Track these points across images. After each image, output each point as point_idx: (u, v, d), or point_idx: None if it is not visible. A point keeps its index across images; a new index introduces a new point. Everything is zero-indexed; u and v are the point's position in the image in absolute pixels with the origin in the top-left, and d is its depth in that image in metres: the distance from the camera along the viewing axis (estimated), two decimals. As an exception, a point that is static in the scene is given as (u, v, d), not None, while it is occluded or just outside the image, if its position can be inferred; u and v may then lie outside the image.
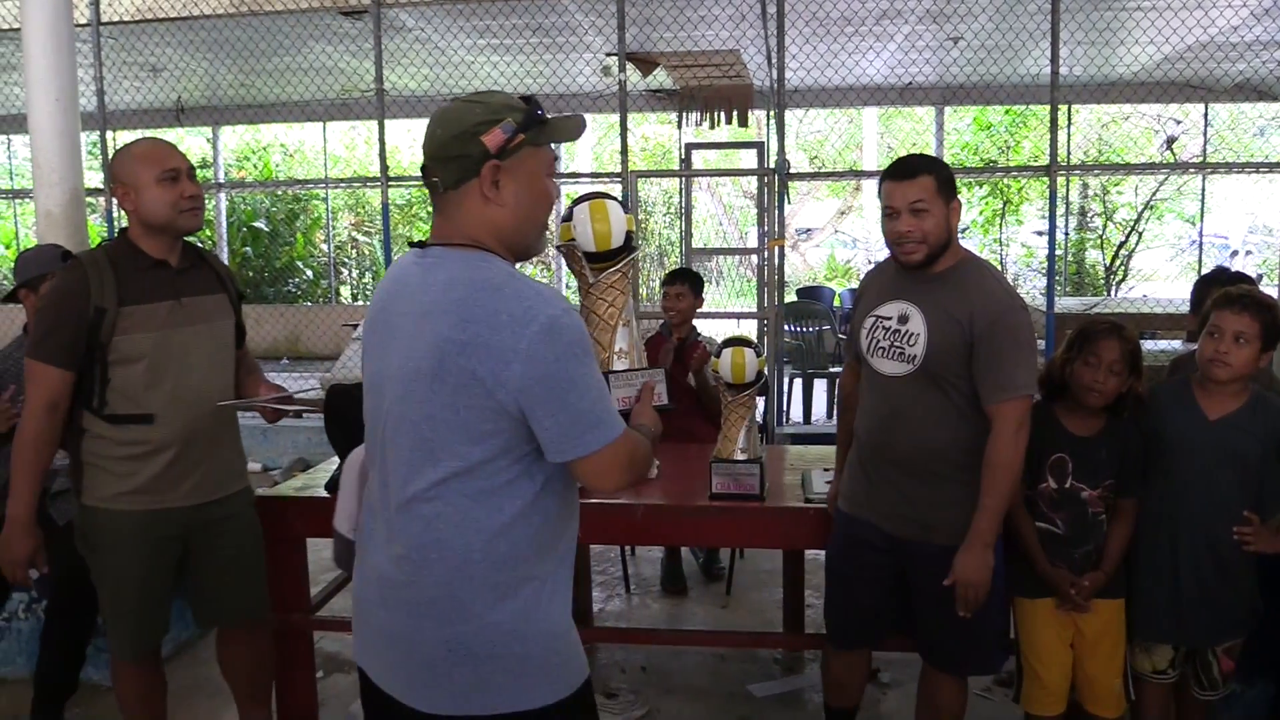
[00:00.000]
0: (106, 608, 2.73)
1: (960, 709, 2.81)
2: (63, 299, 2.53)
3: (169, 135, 16.93)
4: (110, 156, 2.74)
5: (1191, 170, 11.83)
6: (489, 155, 1.65)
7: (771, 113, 7.23)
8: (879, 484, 2.70)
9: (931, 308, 2.57)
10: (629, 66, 7.33)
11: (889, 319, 2.65)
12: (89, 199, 7.09)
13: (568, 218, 2.28)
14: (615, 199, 2.36)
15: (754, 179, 9.89)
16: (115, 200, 2.67)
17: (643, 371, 2.22)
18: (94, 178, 9.42)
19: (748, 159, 10.93)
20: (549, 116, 1.74)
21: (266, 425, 4.43)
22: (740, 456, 3.14)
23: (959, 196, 2.59)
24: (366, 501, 1.86)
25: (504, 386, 1.58)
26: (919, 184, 2.51)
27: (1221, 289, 2.72)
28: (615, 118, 7.06)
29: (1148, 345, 2.74)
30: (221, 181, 13.73)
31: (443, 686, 1.69)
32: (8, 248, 15.18)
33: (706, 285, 5.27)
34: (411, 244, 1.76)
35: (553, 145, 1.80)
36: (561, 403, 1.60)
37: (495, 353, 1.57)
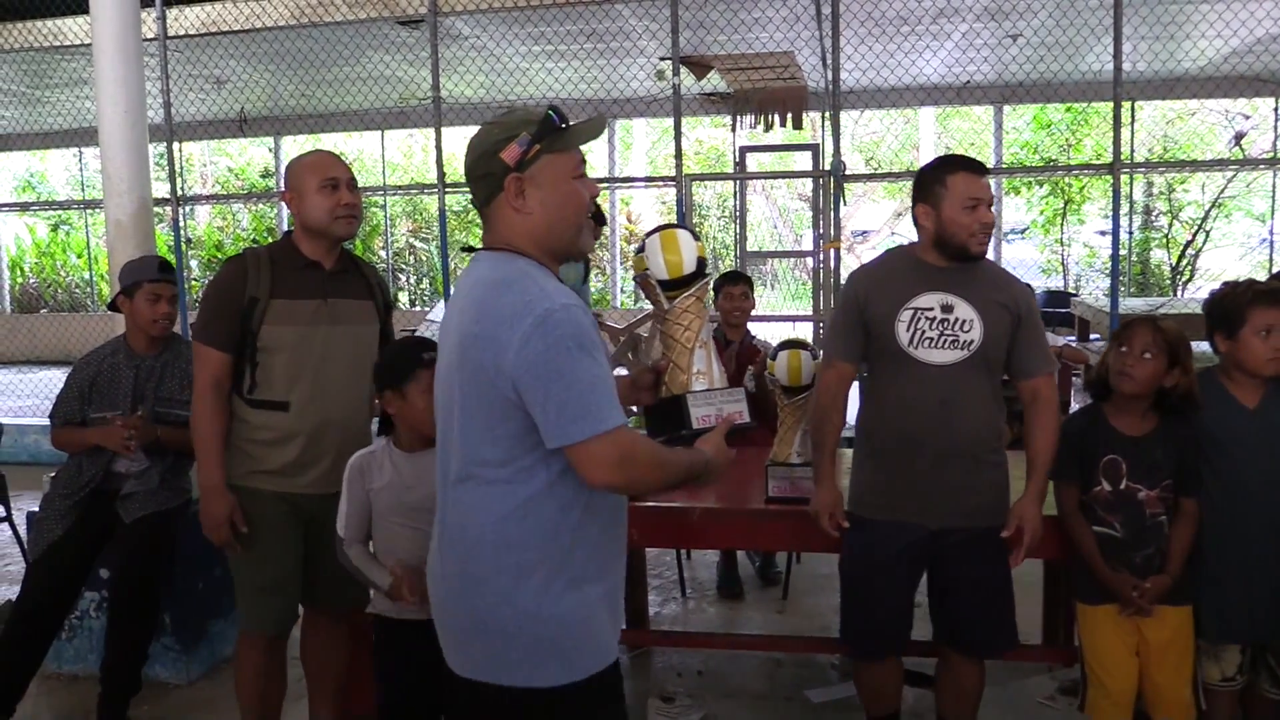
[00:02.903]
0: (242, 582, 2.86)
1: (981, 691, 2.90)
2: (221, 287, 2.77)
3: (231, 146, 17.33)
4: (286, 166, 2.93)
5: (1261, 166, 11.52)
6: (509, 170, 1.80)
7: (826, 114, 7.20)
8: (918, 478, 2.67)
9: (975, 296, 2.68)
10: (683, 70, 7.33)
11: (930, 309, 2.68)
12: (156, 209, 7.27)
13: (640, 249, 2.33)
14: (686, 228, 2.43)
15: (809, 181, 9.84)
16: (284, 204, 2.92)
17: (723, 391, 2.23)
18: (161, 188, 9.66)
19: (802, 161, 10.86)
20: (566, 123, 1.85)
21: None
22: (796, 460, 3.12)
23: None
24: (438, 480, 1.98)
25: (502, 375, 1.70)
26: (989, 182, 2.69)
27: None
28: (669, 122, 7.06)
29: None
30: (283, 191, 14.00)
31: (466, 654, 1.85)
32: (79, 256, 15.61)
33: (762, 288, 5.26)
34: (462, 248, 1.97)
35: (580, 148, 1.88)
36: (547, 392, 1.68)
37: (497, 344, 1.70)
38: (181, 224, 8.07)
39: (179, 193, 7.76)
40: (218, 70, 9.50)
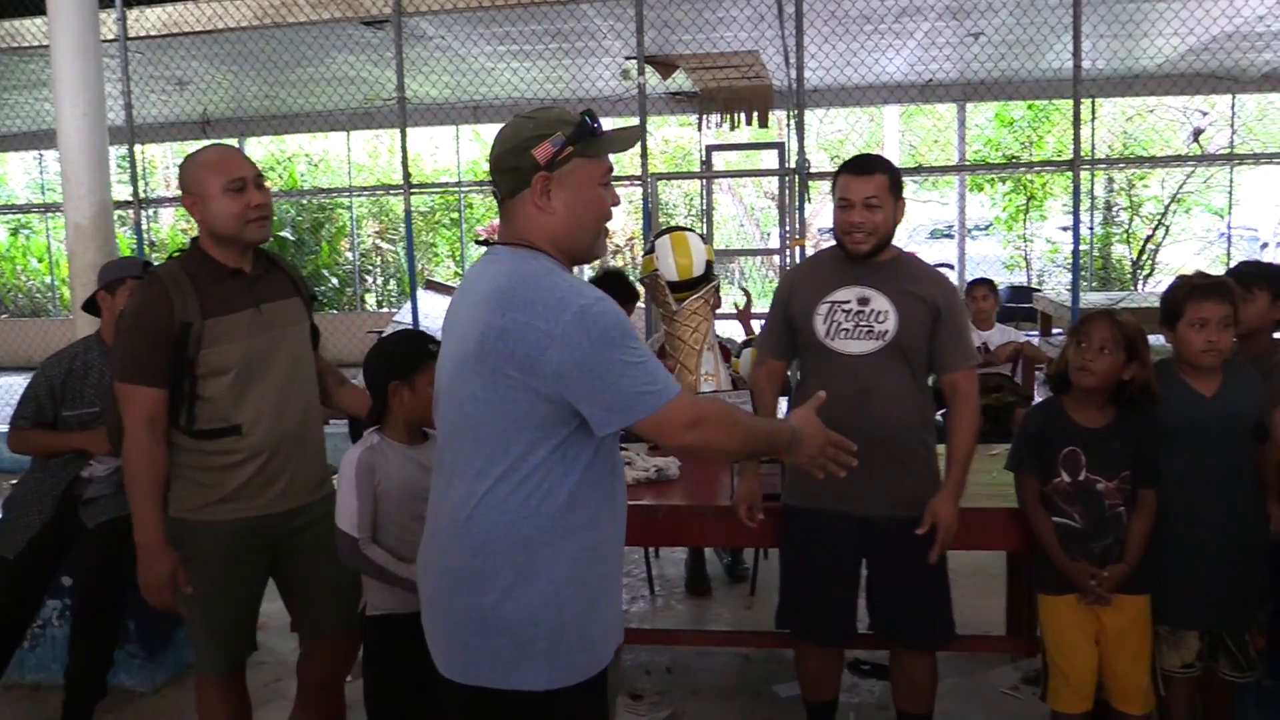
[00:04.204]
0: (195, 621, 2.64)
1: (935, 683, 2.95)
2: (146, 317, 2.47)
3: (195, 148, 17.11)
4: (179, 167, 2.67)
5: (1219, 162, 11.71)
6: (539, 168, 1.79)
7: (792, 113, 7.23)
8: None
9: (891, 288, 2.76)
10: (648, 70, 7.35)
11: (847, 303, 2.77)
12: (118, 211, 7.19)
13: (650, 250, 2.35)
14: (695, 231, 2.45)
15: (775, 179, 9.89)
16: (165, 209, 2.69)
17: (731, 394, 2.26)
18: (123, 190, 9.55)
19: (768, 160, 10.93)
20: (602, 130, 1.85)
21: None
22: (762, 456, 3.14)
23: (904, 198, 2.83)
24: (434, 473, 1.95)
25: (540, 371, 1.69)
26: (874, 180, 2.73)
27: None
28: (635, 121, 7.07)
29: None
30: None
31: (460, 653, 1.81)
32: (40, 261, 15.39)
33: (729, 286, 5.30)
34: (480, 241, 1.88)
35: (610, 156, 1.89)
36: (602, 385, 1.69)
37: (531, 339, 1.68)
38: (145, 227, 7.98)
39: (141, 195, 7.68)
40: (180, 71, 9.40)
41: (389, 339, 2.71)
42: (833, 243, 2.90)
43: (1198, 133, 13.95)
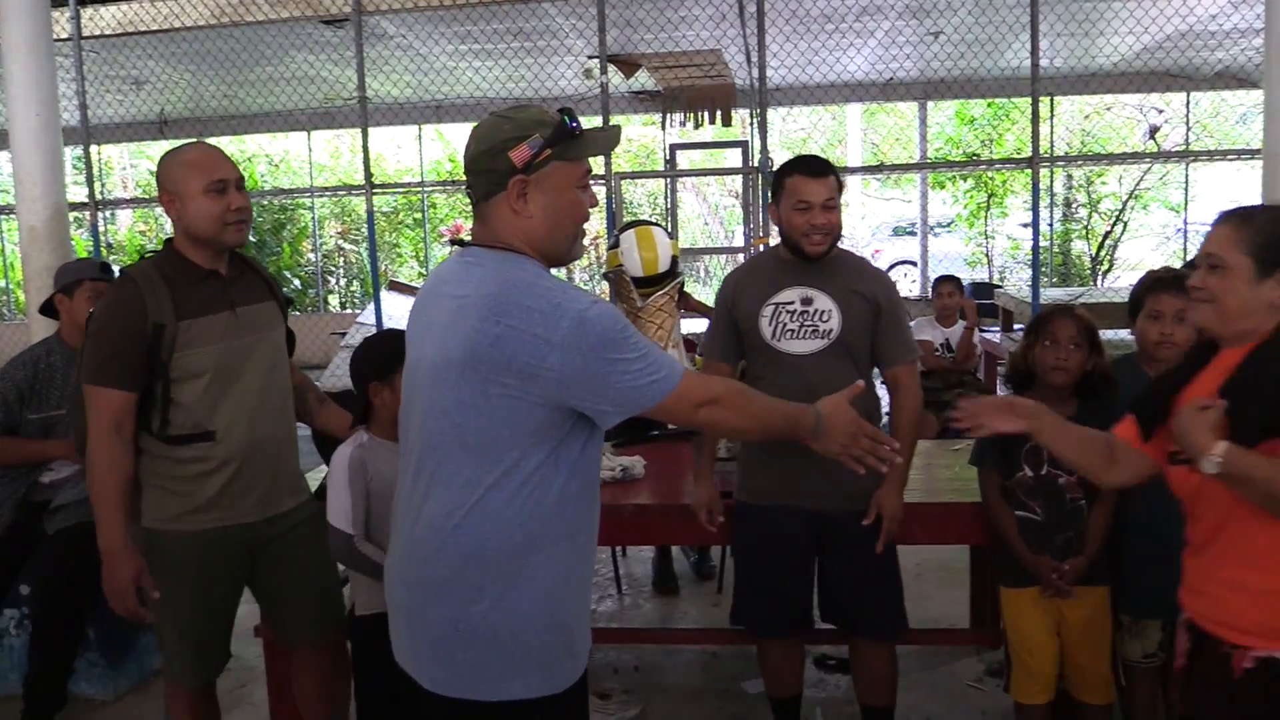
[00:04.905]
0: (168, 633, 2.58)
1: (895, 674, 2.98)
2: (118, 318, 2.40)
3: (153, 148, 16.91)
4: (158, 162, 2.58)
5: (1174, 159, 11.88)
6: (515, 171, 1.74)
7: (755, 112, 7.25)
8: (795, 465, 2.71)
9: (833, 288, 2.80)
10: (611, 69, 7.34)
11: (791, 303, 2.81)
12: (74, 213, 7.08)
13: (615, 245, 2.34)
14: (661, 226, 2.44)
15: (739, 178, 9.92)
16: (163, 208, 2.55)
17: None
18: (79, 192, 9.40)
19: (732, 158, 10.96)
20: (581, 131, 1.80)
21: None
22: (724, 454, 3.15)
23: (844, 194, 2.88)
24: (399, 480, 1.91)
25: (540, 378, 1.66)
26: (829, 182, 2.77)
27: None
28: (598, 120, 7.07)
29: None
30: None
31: (445, 666, 1.76)
32: (-7, 263, 15.13)
33: (696, 285, 5.31)
34: (453, 241, 1.89)
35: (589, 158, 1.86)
36: (606, 386, 1.69)
37: (530, 347, 1.65)
38: (101, 229, 7.87)
39: (98, 197, 7.56)
40: (136, 71, 9.26)
41: (370, 340, 2.70)
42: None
43: (1154, 130, 14.16)
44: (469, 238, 1.86)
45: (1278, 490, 1.72)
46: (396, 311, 7.53)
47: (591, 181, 1.90)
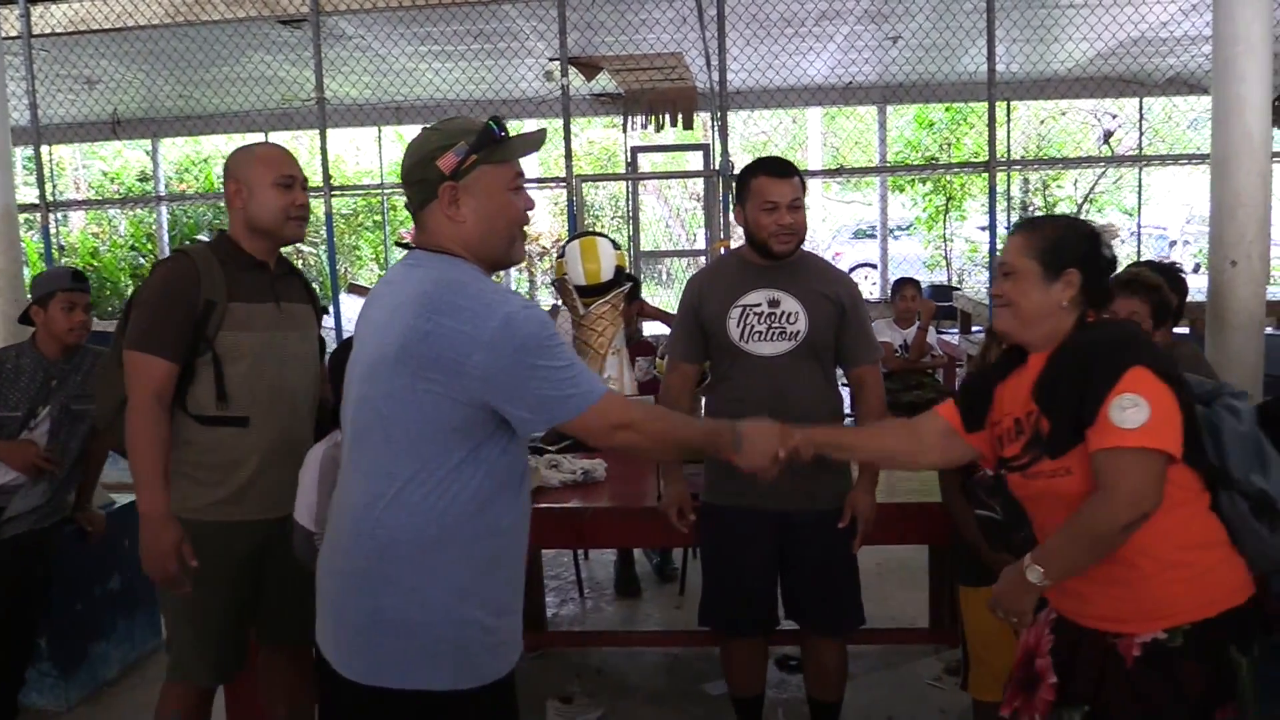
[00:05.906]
0: (185, 629, 2.56)
1: (845, 670, 3.02)
2: (169, 288, 2.44)
3: (106, 149, 16.66)
4: (229, 155, 2.69)
5: (1128, 163, 12.08)
6: (444, 178, 1.81)
7: (715, 114, 7.28)
8: None
9: (799, 290, 2.82)
10: (572, 71, 7.33)
11: (758, 305, 2.83)
12: (24, 215, 6.95)
13: (561, 254, 2.35)
14: (606, 236, 2.47)
15: (700, 181, 9.95)
16: (226, 198, 2.59)
17: (635, 399, 2.26)
18: (29, 193, 9.23)
19: (694, 161, 10.97)
20: (506, 135, 1.85)
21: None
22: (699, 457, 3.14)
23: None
24: (340, 472, 1.93)
25: (466, 374, 1.70)
26: (793, 183, 2.80)
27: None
28: (559, 122, 7.06)
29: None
30: (162, 194, 13.51)
31: (362, 655, 1.80)
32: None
33: (657, 287, 5.31)
34: (399, 244, 1.90)
35: (519, 159, 1.90)
36: (525, 390, 1.72)
37: (457, 343, 1.69)
38: (53, 230, 7.73)
39: (49, 198, 7.43)
40: (88, 70, 9.11)
41: (346, 343, 2.69)
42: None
43: (1108, 135, 14.40)
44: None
45: (1090, 552, 1.88)
46: (356, 314, 7.46)
47: (546, 183, 1.92)
